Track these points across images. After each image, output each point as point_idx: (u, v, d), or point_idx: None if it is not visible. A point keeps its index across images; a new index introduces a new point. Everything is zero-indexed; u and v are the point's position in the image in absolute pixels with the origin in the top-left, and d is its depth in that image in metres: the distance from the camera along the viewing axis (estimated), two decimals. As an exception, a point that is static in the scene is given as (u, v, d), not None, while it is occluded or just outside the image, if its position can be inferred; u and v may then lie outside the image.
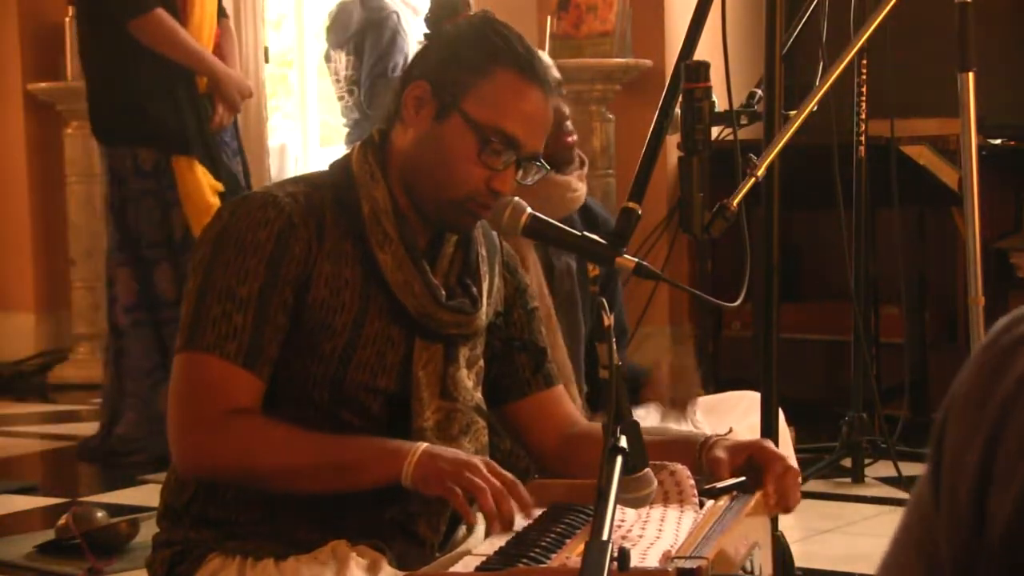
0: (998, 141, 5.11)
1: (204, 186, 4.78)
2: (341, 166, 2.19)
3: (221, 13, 5.05)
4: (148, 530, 3.41)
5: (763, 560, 2.01)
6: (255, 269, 2.06)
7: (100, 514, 3.94)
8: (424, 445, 2.00)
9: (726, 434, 2.27)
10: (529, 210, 2.15)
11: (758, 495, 2.02)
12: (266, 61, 6.54)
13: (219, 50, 4.97)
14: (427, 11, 2.41)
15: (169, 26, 4.76)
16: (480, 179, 2.10)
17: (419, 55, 2.22)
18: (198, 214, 4.72)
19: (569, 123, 3.10)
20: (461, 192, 2.11)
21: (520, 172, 2.14)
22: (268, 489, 2.05)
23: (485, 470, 1.94)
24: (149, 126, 4.80)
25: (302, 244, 2.08)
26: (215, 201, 4.75)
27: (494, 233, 2.31)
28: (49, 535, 3.94)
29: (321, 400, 2.11)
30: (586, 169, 3.16)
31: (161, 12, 4.74)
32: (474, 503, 1.94)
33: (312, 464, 2.02)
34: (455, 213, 2.13)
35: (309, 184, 2.15)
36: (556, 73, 2.17)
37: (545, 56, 2.15)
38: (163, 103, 4.79)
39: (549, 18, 5.65)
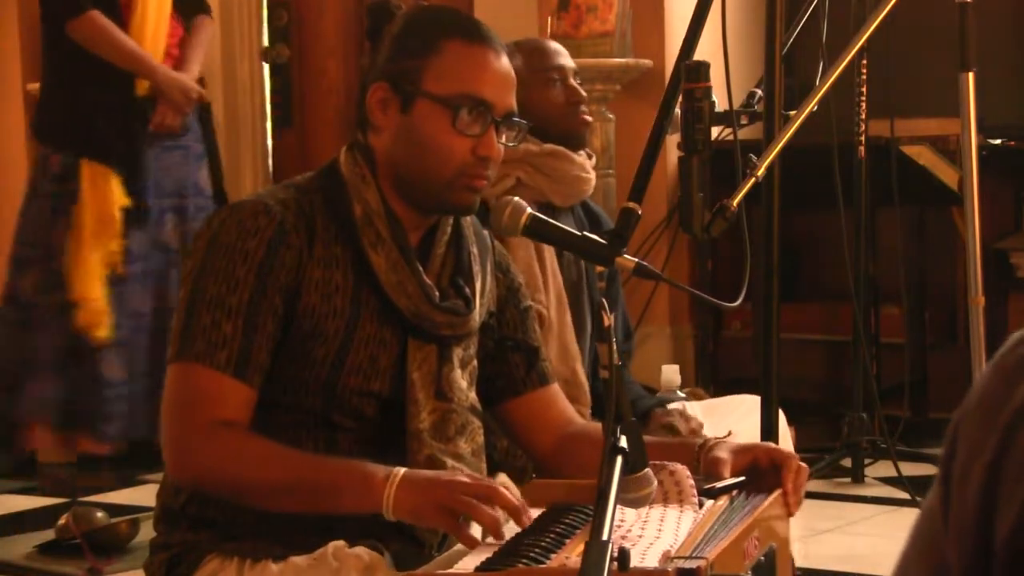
0: (998, 141, 5.10)
1: (111, 199, 4.62)
2: (329, 170, 2.19)
3: (199, 9, 4.93)
4: (148, 530, 3.41)
5: (781, 560, 1.99)
6: (244, 278, 2.05)
7: (100, 514, 3.95)
8: (401, 473, 1.94)
9: (725, 437, 2.28)
10: (529, 210, 2.15)
11: (775, 495, 2.01)
12: (265, 61, 6.53)
13: (180, 49, 4.84)
14: (367, 26, 2.31)
15: (102, 27, 4.64)
16: (465, 150, 2.10)
17: (369, 63, 2.22)
18: (93, 223, 4.61)
19: (585, 106, 3.14)
20: (451, 169, 2.11)
21: (502, 135, 2.14)
22: (249, 505, 2.05)
23: (472, 481, 1.92)
24: (63, 129, 4.69)
25: (293, 252, 2.07)
26: (116, 215, 4.62)
27: (485, 232, 2.31)
28: (49, 535, 3.94)
29: (314, 405, 2.10)
30: (594, 161, 3.19)
31: (95, 14, 4.63)
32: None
33: (287, 484, 2.01)
34: (453, 194, 2.13)
35: (299, 190, 2.15)
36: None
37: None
38: (87, 107, 4.67)
39: (549, 18, 5.65)
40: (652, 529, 1.88)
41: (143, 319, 4.76)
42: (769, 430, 2.53)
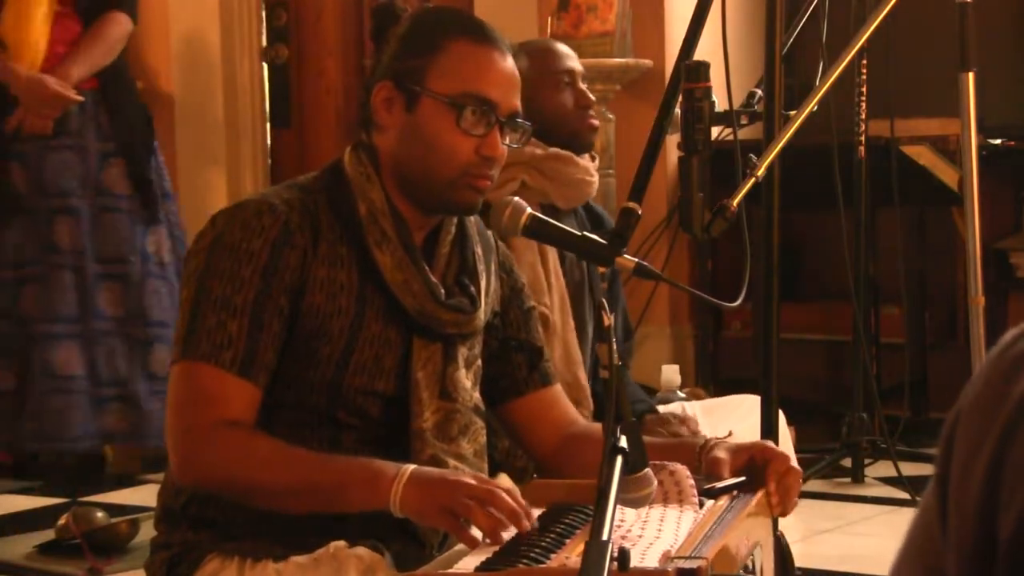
0: (998, 141, 5.10)
1: None
2: (333, 170, 2.19)
3: (108, 5, 4.62)
4: (148, 530, 3.41)
5: (765, 560, 2.01)
6: (249, 278, 2.05)
7: (100, 514, 3.95)
8: (409, 471, 1.94)
9: (726, 437, 2.28)
10: (529, 210, 2.15)
11: (760, 494, 2.02)
12: (264, 61, 6.53)
13: (71, 46, 4.57)
14: (371, 27, 2.31)
15: None
16: (469, 150, 2.10)
17: (374, 63, 2.22)
18: None
19: (592, 110, 3.16)
20: (454, 168, 2.11)
21: (506, 136, 2.14)
22: (256, 505, 2.05)
23: (476, 483, 1.91)
24: None
25: (298, 252, 2.07)
26: None
27: (489, 232, 2.31)
28: (49, 535, 3.94)
29: (318, 404, 2.10)
30: (597, 163, 3.21)
31: None
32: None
33: (294, 484, 2.00)
34: (457, 193, 2.13)
35: (303, 189, 2.15)
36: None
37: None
38: None
39: (549, 18, 5.65)
40: (652, 529, 1.88)
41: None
42: (769, 430, 2.54)
